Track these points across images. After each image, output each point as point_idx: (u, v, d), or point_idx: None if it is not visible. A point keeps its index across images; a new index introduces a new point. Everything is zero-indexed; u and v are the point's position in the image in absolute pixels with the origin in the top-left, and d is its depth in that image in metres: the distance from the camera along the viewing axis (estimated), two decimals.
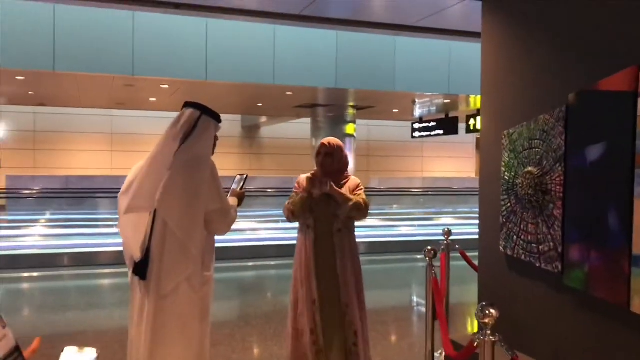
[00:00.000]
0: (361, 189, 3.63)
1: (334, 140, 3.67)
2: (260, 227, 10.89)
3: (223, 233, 3.03)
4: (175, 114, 3.05)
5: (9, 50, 9.52)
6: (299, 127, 18.65)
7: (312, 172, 3.70)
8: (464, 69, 11.53)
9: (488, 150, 3.89)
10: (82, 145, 19.06)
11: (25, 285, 7.74)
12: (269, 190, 12.07)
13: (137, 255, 2.85)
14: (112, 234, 10.03)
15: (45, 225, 11.11)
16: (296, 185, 3.70)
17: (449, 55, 11.97)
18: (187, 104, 3.01)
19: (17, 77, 10.80)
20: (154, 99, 14.03)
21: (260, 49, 10.94)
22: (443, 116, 15.91)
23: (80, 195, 11.81)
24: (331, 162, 3.60)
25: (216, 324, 5.38)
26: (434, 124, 16.02)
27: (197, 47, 10.55)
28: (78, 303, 6.47)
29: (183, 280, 2.83)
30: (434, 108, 15.25)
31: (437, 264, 4.05)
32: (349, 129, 15.17)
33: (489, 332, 2.23)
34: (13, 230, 10.39)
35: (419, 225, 11.99)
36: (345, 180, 3.64)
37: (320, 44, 11.23)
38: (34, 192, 11.65)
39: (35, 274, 7.99)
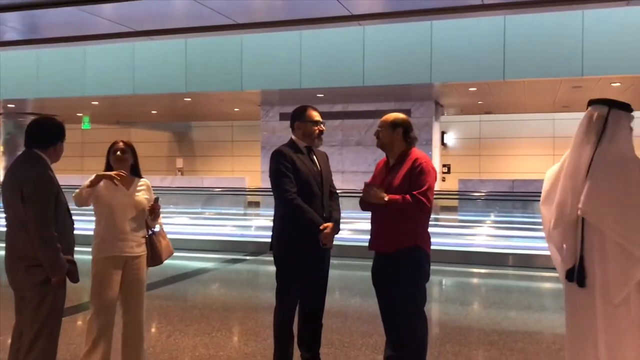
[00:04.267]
0: None
1: None
2: None
3: None
4: None
5: (463, 64, 10.53)
6: None
7: None
8: None
9: None
10: (524, 149, 19.53)
11: (473, 280, 8.36)
12: None
13: (567, 263, 2.87)
14: None
15: (491, 226, 11.80)
16: None
17: None
18: (591, 102, 2.88)
19: (470, 89, 11.86)
20: None
21: None
22: None
23: (523, 199, 12.10)
24: None
25: None
26: None
27: None
28: (519, 303, 6.61)
29: (633, 286, 2.71)
30: None
31: None
32: None
33: None
34: (463, 229, 11.40)
35: None
36: None
37: None
38: (482, 194, 12.50)
39: (482, 271, 8.52)
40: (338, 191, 3.96)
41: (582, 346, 2.88)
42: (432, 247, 3.58)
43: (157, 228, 3.77)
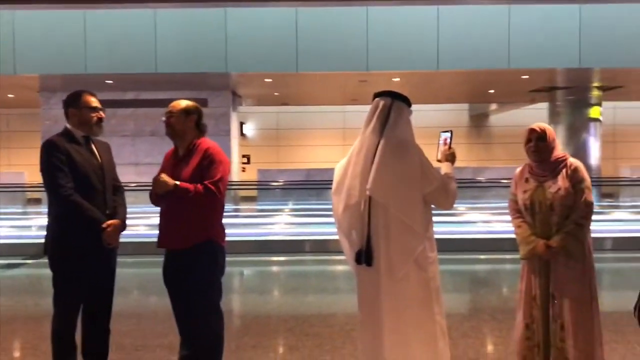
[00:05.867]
0: (584, 180, 3.21)
1: (542, 124, 3.35)
2: (494, 220, 10.47)
3: (449, 208, 3.09)
4: None
5: (258, 55, 10.59)
6: (534, 113, 17.46)
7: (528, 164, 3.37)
8: None
9: None
10: (317, 140, 20.50)
11: (273, 269, 8.50)
12: (503, 181, 11.54)
13: (356, 246, 3.02)
14: None
15: (289, 214, 12.14)
16: (513, 184, 3.45)
17: None
18: (376, 95, 3.11)
19: (265, 80, 12.00)
20: None
21: (493, 33, 10.48)
22: None
23: (317, 187, 12.64)
24: (545, 148, 3.28)
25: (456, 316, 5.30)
26: None
27: (428, 37, 10.50)
28: (316, 287, 6.87)
29: (412, 262, 2.94)
30: None
31: None
32: (594, 112, 13.76)
33: None
34: (263, 218, 11.56)
35: None
36: (562, 166, 3.27)
37: (560, 21, 10.34)
38: (280, 184, 12.80)
39: (282, 258, 8.70)
40: (132, 184, 3.65)
41: (369, 323, 3.03)
42: (233, 239, 3.47)
43: None
